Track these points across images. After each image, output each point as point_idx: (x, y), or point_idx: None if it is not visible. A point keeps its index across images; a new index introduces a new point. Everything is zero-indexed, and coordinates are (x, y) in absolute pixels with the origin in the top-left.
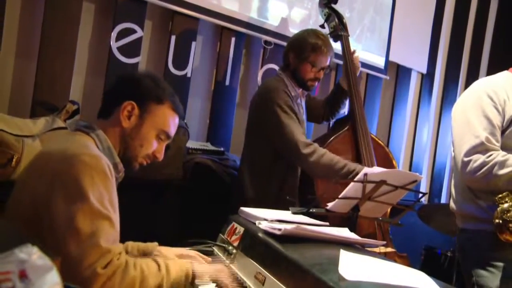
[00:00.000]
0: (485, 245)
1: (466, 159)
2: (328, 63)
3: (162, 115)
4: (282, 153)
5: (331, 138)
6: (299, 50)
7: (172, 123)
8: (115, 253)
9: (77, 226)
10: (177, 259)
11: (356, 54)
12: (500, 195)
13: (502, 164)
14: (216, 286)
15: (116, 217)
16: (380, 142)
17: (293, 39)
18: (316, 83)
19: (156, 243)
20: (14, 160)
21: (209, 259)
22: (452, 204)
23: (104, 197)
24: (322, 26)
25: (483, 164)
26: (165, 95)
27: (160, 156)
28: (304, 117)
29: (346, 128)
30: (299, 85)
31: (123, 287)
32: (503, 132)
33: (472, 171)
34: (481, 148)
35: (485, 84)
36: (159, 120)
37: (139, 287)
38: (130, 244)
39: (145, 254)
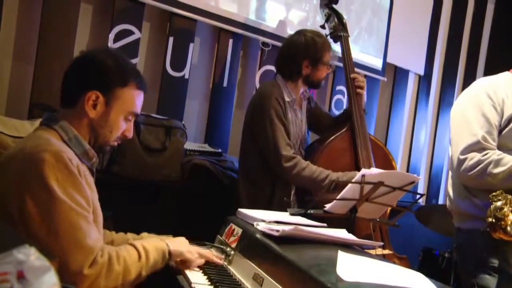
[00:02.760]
0: (482, 244)
1: (462, 157)
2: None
3: (128, 98)
4: (268, 161)
5: (330, 139)
6: (315, 56)
7: (138, 102)
8: (98, 250)
9: (56, 228)
10: (154, 240)
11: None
12: (494, 193)
13: (497, 163)
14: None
15: (89, 207)
16: (379, 143)
17: (303, 45)
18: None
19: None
20: None
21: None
22: (448, 203)
23: (73, 193)
24: (323, 27)
25: (478, 162)
26: (128, 76)
27: (130, 134)
28: (303, 119)
29: (344, 129)
30: (312, 86)
31: (108, 283)
32: (500, 131)
33: (467, 169)
34: (477, 146)
35: (485, 84)
36: (126, 103)
37: (122, 279)
38: (146, 235)
39: None
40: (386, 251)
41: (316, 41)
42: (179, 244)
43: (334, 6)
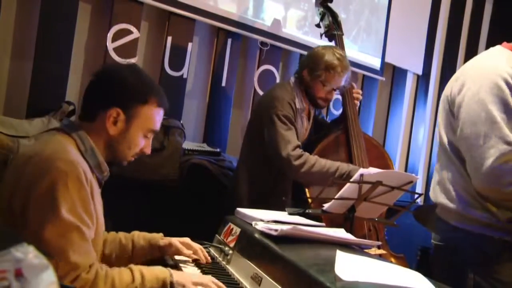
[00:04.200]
0: (492, 253)
1: (495, 167)
2: (342, 83)
3: (148, 116)
4: (274, 162)
5: (324, 140)
6: (313, 67)
7: (158, 119)
8: (84, 267)
9: (45, 238)
10: (156, 268)
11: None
12: None
13: None
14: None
15: (92, 225)
16: (375, 142)
17: (310, 54)
18: (326, 104)
19: (161, 234)
20: (9, 160)
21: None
22: (446, 202)
23: (77, 206)
24: (318, 25)
25: None
26: (150, 93)
27: (148, 151)
28: (307, 128)
29: (339, 130)
30: (310, 101)
31: None
32: None
33: (506, 183)
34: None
35: (500, 69)
36: (146, 121)
37: None
38: (137, 233)
39: (151, 243)
40: (380, 251)
41: (325, 59)
42: (185, 276)
43: (329, 4)
